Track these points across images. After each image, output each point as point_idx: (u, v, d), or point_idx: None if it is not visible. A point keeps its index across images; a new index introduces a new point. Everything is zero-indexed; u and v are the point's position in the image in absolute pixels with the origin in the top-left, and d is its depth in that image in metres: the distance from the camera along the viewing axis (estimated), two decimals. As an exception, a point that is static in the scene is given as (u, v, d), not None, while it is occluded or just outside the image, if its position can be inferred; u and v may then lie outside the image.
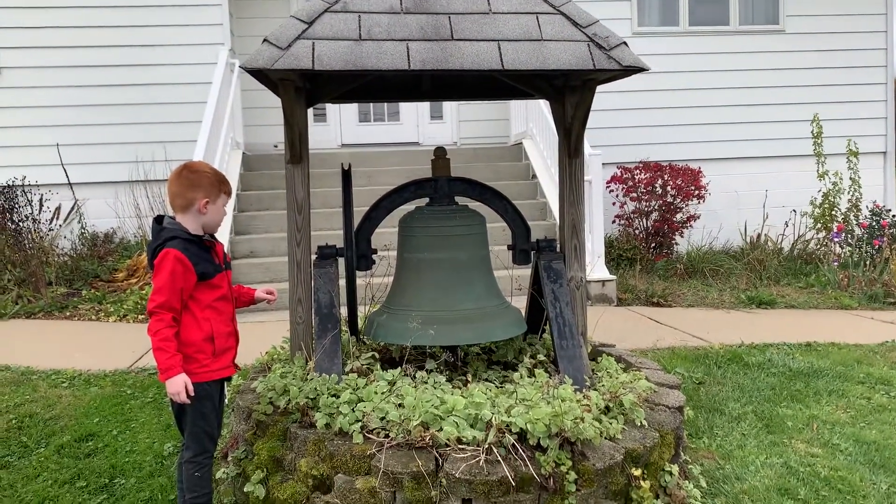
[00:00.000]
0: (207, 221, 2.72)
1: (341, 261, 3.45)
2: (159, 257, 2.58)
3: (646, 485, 2.70)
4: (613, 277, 6.97)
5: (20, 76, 8.12)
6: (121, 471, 3.40)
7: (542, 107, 7.73)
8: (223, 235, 6.88)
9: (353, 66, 2.74)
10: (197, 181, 2.67)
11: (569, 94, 3.32)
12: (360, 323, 3.73)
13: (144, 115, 8.24)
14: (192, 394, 2.53)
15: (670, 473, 2.91)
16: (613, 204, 8.38)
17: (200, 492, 2.68)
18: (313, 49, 2.75)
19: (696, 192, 8.29)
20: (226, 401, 2.81)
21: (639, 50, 3.46)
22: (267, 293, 3.08)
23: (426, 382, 3.00)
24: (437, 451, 2.60)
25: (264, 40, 2.77)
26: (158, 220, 2.70)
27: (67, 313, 6.45)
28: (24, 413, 4.04)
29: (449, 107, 9.76)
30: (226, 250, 2.93)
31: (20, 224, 7.15)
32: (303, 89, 3.15)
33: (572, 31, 2.96)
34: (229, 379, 2.83)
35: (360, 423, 2.72)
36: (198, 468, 2.67)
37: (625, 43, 2.95)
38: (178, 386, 2.49)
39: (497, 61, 2.81)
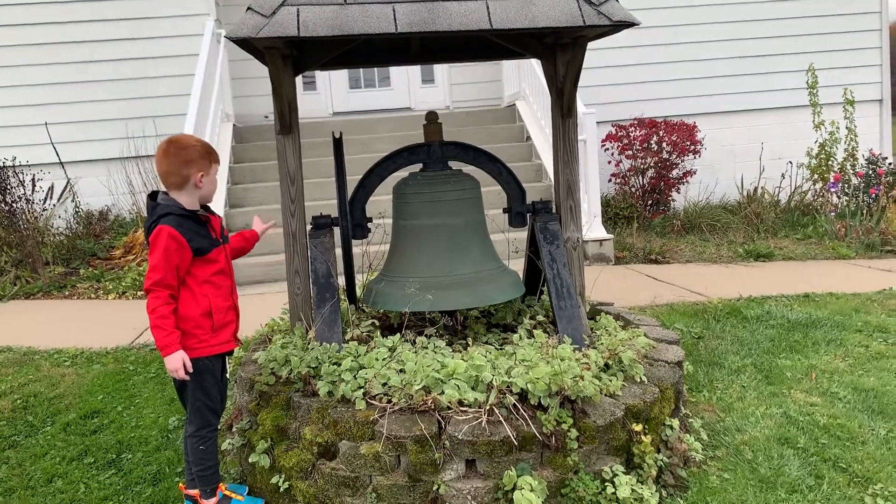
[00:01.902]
0: (204, 194, 2.71)
1: (337, 230, 3.44)
2: (153, 234, 2.57)
3: (647, 439, 2.73)
4: (611, 236, 6.97)
5: (6, 54, 8.01)
6: (127, 446, 3.44)
7: (535, 66, 7.65)
8: (218, 209, 6.86)
9: (340, 30, 2.69)
10: (188, 157, 2.63)
11: (560, 52, 3.27)
12: (358, 291, 3.74)
13: (133, 90, 8.16)
14: (191, 370, 2.54)
15: (671, 427, 2.94)
16: (609, 162, 8.34)
17: (206, 464, 2.71)
18: (298, 15, 2.71)
19: (692, 147, 8.25)
20: (227, 374, 2.82)
21: (628, 5, 3.40)
22: (264, 222, 3.22)
23: (426, 347, 3.01)
24: (439, 415, 2.63)
25: (248, 8, 2.72)
26: (153, 196, 2.69)
27: (66, 292, 6.46)
28: (28, 393, 4.07)
29: (440, 70, 9.66)
30: (223, 224, 2.91)
31: (13, 205, 7.11)
32: (290, 57, 3.11)
33: (561, -13, 2.91)
34: (230, 352, 2.84)
35: (362, 390, 2.74)
36: (202, 441, 2.70)
37: (614, -3, 2.90)
38: (176, 363, 2.51)
39: (485, 21, 2.77)
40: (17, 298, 6.41)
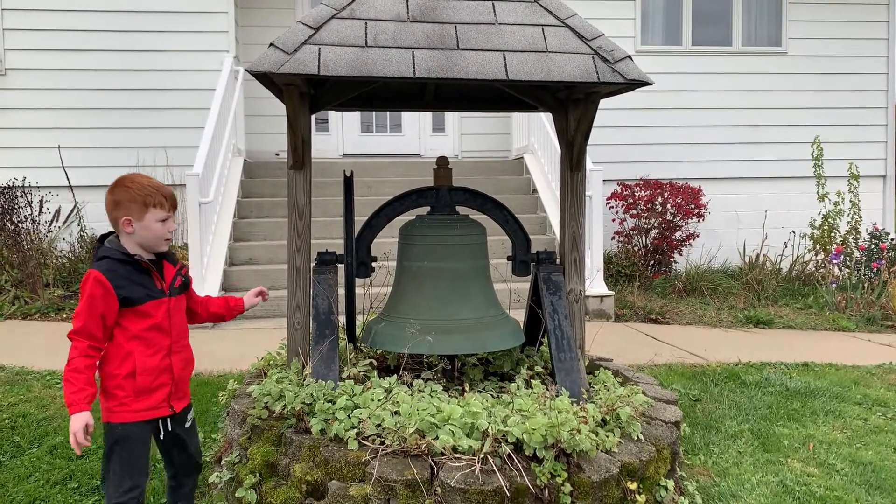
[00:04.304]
0: (141, 241, 2.43)
1: (340, 268, 3.44)
2: (83, 279, 2.37)
3: (641, 499, 2.68)
4: (612, 293, 6.97)
5: (25, 78, 8.15)
6: (113, 473, 3.37)
7: (544, 121, 7.76)
8: (222, 242, 6.88)
9: (359, 72, 2.75)
10: (117, 198, 2.41)
11: (572, 106, 3.33)
12: (358, 330, 3.73)
13: (147, 119, 8.27)
14: (88, 443, 2.28)
15: (666, 488, 2.89)
16: (613, 220, 8.39)
17: None
18: (319, 54, 2.76)
19: (696, 210, 8.31)
20: (188, 425, 2.61)
21: (642, 67, 3.46)
22: (256, 295, 2.91)
23: (423, 391, 2.99)
24: (432, 460, 2.59)
25: (270, 44, 2.78)
26: (102, 239, 2.49)
27: (64, 315, 6.44)
28: (17, 413, 4.02)
29: (451, 119, 9.80)
30: (186, 273, 2.63)
31: (19, 225, 7.14)
32: (307, 95, 3.16)
33: (577, 43, 2.98)
34: (175, 418, 2.54)
35: (355, 430, 2.71)
36: None
37: (629, 57, 2.96)
38: (76, 426, 2.23)
39: (502, 71, 2.82)
40: (14, 318, 6.38)
